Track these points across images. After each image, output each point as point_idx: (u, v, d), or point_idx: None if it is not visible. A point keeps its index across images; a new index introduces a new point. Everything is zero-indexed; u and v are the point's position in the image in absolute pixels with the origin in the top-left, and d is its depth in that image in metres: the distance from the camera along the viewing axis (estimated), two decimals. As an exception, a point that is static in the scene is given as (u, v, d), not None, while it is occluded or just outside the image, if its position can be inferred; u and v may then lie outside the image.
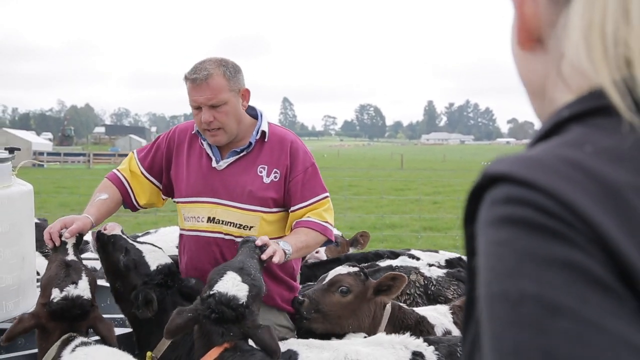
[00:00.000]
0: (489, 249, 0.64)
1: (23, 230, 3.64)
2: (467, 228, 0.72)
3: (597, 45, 0.69)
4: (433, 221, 14.77)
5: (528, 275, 0.60)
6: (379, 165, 45.28)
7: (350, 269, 3.59)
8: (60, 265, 2.91)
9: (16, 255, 3.53)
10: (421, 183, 19.79)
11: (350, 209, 16.50)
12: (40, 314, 2.79)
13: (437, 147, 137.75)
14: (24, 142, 43.40)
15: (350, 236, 6.31)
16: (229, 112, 3.27)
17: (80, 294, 2.81)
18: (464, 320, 0.74)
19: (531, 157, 0.67)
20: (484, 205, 0.67)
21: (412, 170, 36.78)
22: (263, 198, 3.34)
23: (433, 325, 3.68)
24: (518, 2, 0.81)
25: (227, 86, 3.26)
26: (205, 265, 3.34)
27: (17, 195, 3.60)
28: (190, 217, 3.44)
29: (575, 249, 0.60)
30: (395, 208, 17.46)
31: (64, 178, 23.27)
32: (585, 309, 0.58)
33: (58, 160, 43.22)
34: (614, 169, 0.64)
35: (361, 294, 3.49)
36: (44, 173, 27.23)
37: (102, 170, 35.43)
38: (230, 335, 2.67)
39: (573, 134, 0.69)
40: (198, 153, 3.46)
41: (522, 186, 0.64)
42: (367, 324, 3.52)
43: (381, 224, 14.03)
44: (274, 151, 3.40)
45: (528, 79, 0.86)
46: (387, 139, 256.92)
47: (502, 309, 0.61)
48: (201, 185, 3.39)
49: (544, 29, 0.79)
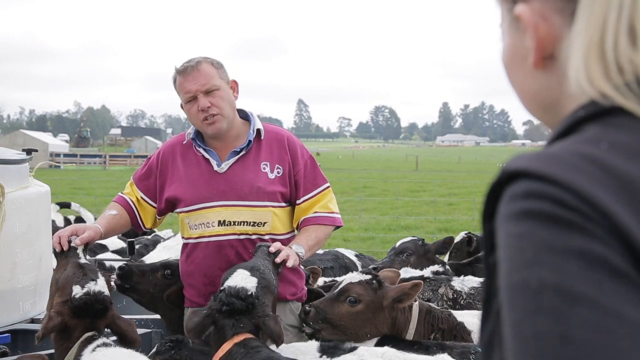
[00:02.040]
0: (509, 242, 0.67)
1: (40, 231, 3.67)
2: (486, 225, 0.74)
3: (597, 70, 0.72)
4: (448, 222, 14.72)
5: (547, 265, 0.62)
6: (394, 167, 45.21)
7: (362, 276, 3.51)
8: (76, 266, 2.94)
9: (33, 256, 3.56)
10: (436, 185, 19.73)
11: (365, 211, 16.48)
12: (63, 312, 2.80)
13: (452, 148, 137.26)
14: (40, 143, 43.84)
15: (366, 237, 6.28)
16: (224, 97, 3.35)
17: (100, 289, 2.85)
18: (483, 316, 0.76)
19: (548, 153, 0.70)
20: (504, 200, 0.70)
21: (427, 172, 36.70)
22: (272, 192, 3.38)
23: (470, 331, 3.59)
24: (533, 25, 0.81)
25: (217, 73, 3.37)
26: (216, 271, 3.34)
27: (35, 197, 3.63)
28: (198, 224, 3.42)
29: (593, 240, 0.63)
30: (410, 209, 17.41)
31: (80, 179, 23.45)
32: (603, 296, 0.60)
33: (74, 161, 43.58)
34: (629, 164, 0.66)
35: (373, 303, 3.40)
36: (61, 174, 27.45)
37: (118, 171, 35.74)
38: (240, 327, 2.74)
39: (589, 132, 0.72)
40: (195, 162, 3.46)
41: (541, 181, 0.67)
42: (387, 330, 3.44)
43: (396, 226, 14.02)
44: (273, 148, 3.45)
45: (539, 95, 0.87)
46: (402, 140, 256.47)
47: (523, 298, 0.63)
48: (206, 191, 3.39)
49: (557, 45, 0.81)
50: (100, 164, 43.29)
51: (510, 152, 22.76)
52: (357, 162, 56.72)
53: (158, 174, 3.54)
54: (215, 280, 3.34)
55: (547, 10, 0.80)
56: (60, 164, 38.47)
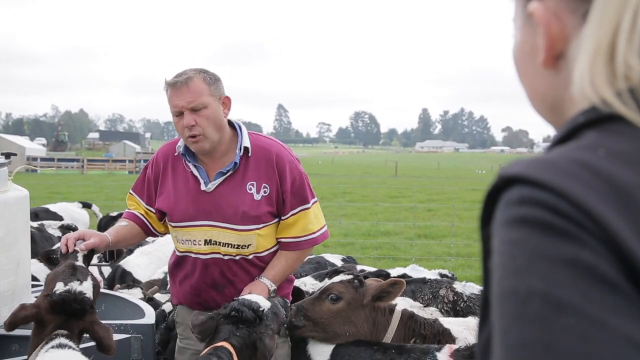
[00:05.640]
0: (502, 248, 0.67)
1: (19, 235, 3.63)
2: (483, 230, 0.75)
3: (601, 75, 0.71)
4: (427, 228, 14.80)
5: (536, 273, 0.62)
6: (374, 173, 45.35)
7: (344, 277, 3.57)
8: (68, 266, 2.96)
9: (11, 260, 3.52)
10: (415, 190, 19.86)
11: (344, 216, 16.51)
12: (41, 305, 2.79)
13: (431, 154, 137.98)
14: (17, 147, 43.35)
15: (345, 242, 6.28)
16: (209, 117, 3.25)
17: (82, 290, 2.83)
18: (480, 321, 0.76)
19: (545, 159, 0.69)
20: (500, 206, 0.70)
21: (407, 178, 36.85)
22: (257, 216, 3.32)
23: (455, 338, 3.59)
24: (545, 23, 0.81)
25: (208, 90, 3.26)
26: (201, 285, 3.38)
27: (13, 201, 3.59)
28: (186, 240, 3.43)
29: (584, 248, 0.62)
30: (389, 215, 17.48)
31: (58, 184, 23.20)
32: (589, 306, 0.60)
33: (52, 165, 43.13)
34: (625, 171, 0.65)
35: (354, 301, 3.46)
36: (38, 178, 27.19)
37: (96, 176, 35.43)
38: (235, 336, 2.76)
39: (588, 138, 0.71)
40: (184, 176, 3.43)
41: (535, 187, 0.66)
42: (367, 330, 3.47)
43: (375, 231, 14.06)
44: (260, 166, 3.36)
45: (546, 95, 0.87)
46: (382, 146, 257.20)
47: (511, 305, 0.63)
48: (193, 209, 3.37)
49: (567, 45, 0.80)
50: (78, 168, 42.88)
51: (489, 159, 23.05)
52: (337, 167, 56.81)
53: (153, 181, 3.55)
54: (202, 293, 3.40)
55: (560, 9, 0.80)
56: (38, 168, 38.05)
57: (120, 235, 3.48)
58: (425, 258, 11.60)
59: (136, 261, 6.56)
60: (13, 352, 3.40)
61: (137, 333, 3.46)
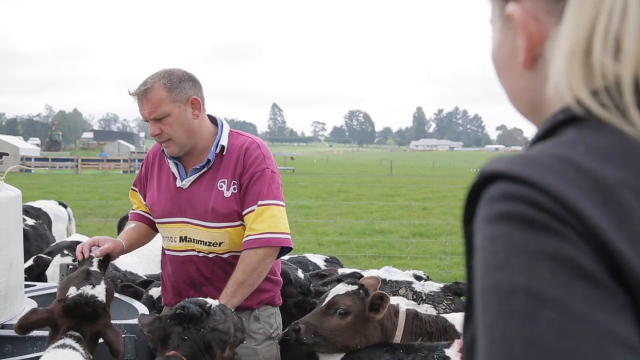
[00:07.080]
0: (484, 244, 0.67)
1: (11, 235, 3.62)
2: (466, 227, 0.75)
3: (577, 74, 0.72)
4: (422, 227, 14.80)
5: (518, 268, 0.63)
6: (368, 172, 45.37)
7: (348, 287, 3.47)
8: (82, 271, 3.02)
9: (4, 261, 3.51)
10: (410, 189, 19.84)
11: (339, 215, 16.52)
12: (55, 310, 2.84)
13: (426, 153, 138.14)
14: (11, 147, 43.23)
15: (341, 241, 6.22)
16: (173, 124, 3.24)
17: (95, 294, 2.88)
18: (465, 319, 0.77)
19: (526, 156, 0.70)
20: (482, 203, 0.70)
21: (402, 177, 36.89)
22: (227, 214, 3.29)
23: (461, 333, 3.57)
24: (522, 24, 0.81)
25: (168, 97, 3.21)
26: (181, 284, 3.41)
27: (6, 201, 3.57)
28: (165, 237, 3.48)
29: (565, 242, 0.63)
30: (384, 214, 17.49)
31: (52, 184, 23.18)
32: (570, 300, 0.61)
33: (46, 165, 43.05)
34: (604, 166, 0.66)
35: (362, 313, 3.40)
36: (32, 178, 27.11)
37: (90, 175, 35.36)
38: (184, 341, 2.62)
39: (567, 135, 0.72)
40: (166, 173, 3.46)
41: (517, 183, 0.67)
42: (376, 338, 3.44)
43: (371, 230, 14.05)
44: (232, 162, 3.33)
45: (526, 95, 0.87)
46: (377, 145, 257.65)
47: (494, 300, 0.64)
48: (170, 205, 3.39)
49: (545, 45, 0.81)
50: (72, 168, 42.83)
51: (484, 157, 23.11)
52: (332, 166, 56.85)
53: (144, 178, 3.61)
54: (182, 292, 3.38)
55: (538, 10, 0.80)
56: (32, 168, 37.92)
57: (132, 238, 3.54)
58: (420, 256, 11.62)
59: (127, 261, 6.54)
60: (6, 353, 3.39)
61: (131, 333, 3.44)
